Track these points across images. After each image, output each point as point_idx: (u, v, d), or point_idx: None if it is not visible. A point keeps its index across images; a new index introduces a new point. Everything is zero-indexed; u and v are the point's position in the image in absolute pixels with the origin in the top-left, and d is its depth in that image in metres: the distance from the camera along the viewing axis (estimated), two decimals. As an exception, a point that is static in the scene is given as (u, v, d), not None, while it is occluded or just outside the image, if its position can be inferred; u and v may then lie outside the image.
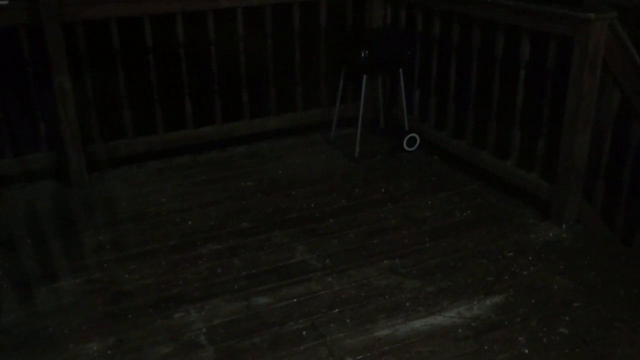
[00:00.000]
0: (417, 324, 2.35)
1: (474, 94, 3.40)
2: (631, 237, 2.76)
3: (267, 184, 3.46)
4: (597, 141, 2.82)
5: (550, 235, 2.91)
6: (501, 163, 3.26)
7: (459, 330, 2.31)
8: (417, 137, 3.82)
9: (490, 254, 2.78)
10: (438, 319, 2.37)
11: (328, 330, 2.32)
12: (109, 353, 2.21)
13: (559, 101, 2.87)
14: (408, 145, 3.82)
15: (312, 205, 3.23)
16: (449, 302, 2.46)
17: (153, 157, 3.69)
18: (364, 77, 3.68)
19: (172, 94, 3.63)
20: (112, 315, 2.42)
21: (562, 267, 2.67)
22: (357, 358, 2.18)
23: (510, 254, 2.77)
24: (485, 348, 2.22)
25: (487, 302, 2.46)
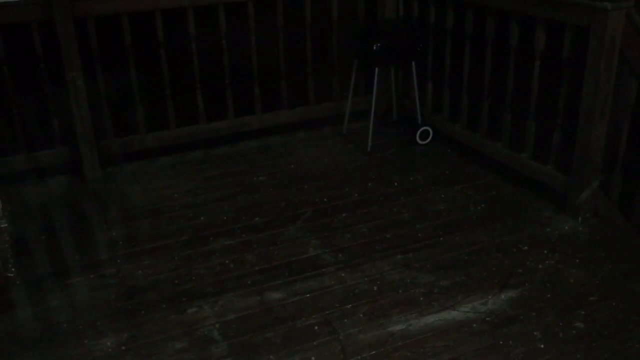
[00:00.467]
0: (431, 319, 2.33)
1: (488, 86, 3.36)
2: (649, 229, 2.72)
3: (279, 178, 3.46)
4: (614, 132, 2.77)
5: (566, 228, 2.87)
6: (516, 155, 3.23)
7: (474, 325, 2.29)
8: (430, 130, 3.79)
9: (505, 247, 2.75)
10: (452, 314, 2.35)
11: (341, 325, 2.31)
12: (123, 349, 2.22)
13: (575, 92, 2.83)
14: (421, 139, 3.79)
15: (324, 199, 3.21)
16: (464, 296, 2.44)
17: (166, 152, 3.70)
18: (377, 70, 3.65)
19: (184, 88, 3.62)
20: (126, 310, 2.43)
21: (578, 260, 2.63)
22: (371, 353, 2.17)
23: (526, 248, 2.73)
24: (500, 343, 2.20)
25: (502, 297, 2.43)
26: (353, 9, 3.92)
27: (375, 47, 3.55)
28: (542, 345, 2.18)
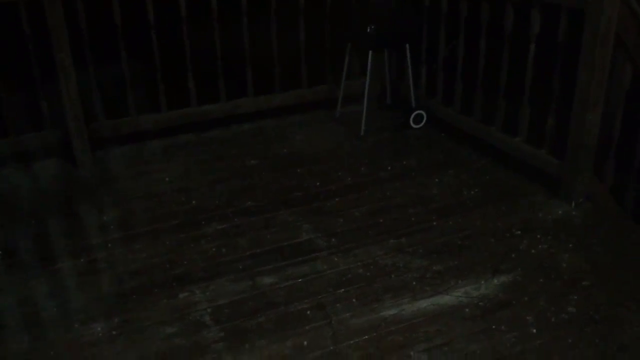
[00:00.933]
0: (424, 304, 2.32)
1: (482, 70, 3.34)
2: (642, 214, 2.72)
3: (272, 162, 3.43)
4: (608, 118, 2.76)
5: (560, 213, 2.86)
6: (510, 140, 3.21)
7: (466, 310, 2.28)
8: (424, 114, 3.76)
9: (498, 232, 2.74)
10: (445, 299, 2.35)
11: (334, 310, 2.30)
12: (114, 333, 2.20)
13: (570, 77, 2.81)
14: (415, 122, 3.77)
15: (317, 184, 3.19)
16: (456, 281, 2.44)
17: (157, 135, 3.66)
18: (370, 53, 3.61)
19: (176, 71, 3.58)
20: (117, 295, 2.41)
21: (571, 245, 2.63)
22: (363, 338, 2.16)
23: (519, 232, 2.73)
24: (493, 327, 2.19)
25: (495, 281, 2.43)
26: (347, -9, 3.88)
27: (369, 30, 3.51)
28: (534, 330, 2.18)
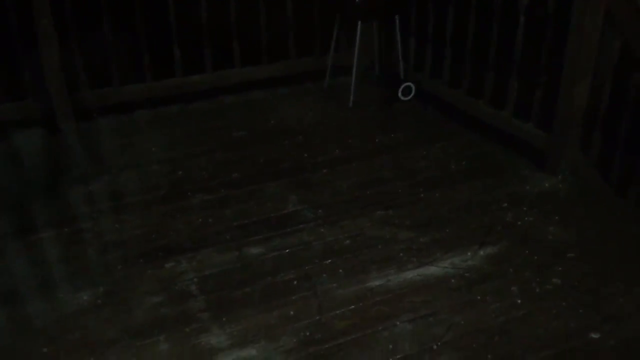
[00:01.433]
0: (410, 275, 2.33)
1: (471, 42, 3.31)
2: (626, 189, 2.73)
3: (259, 134, 3.40)
4: (596, 92, 2.76)
5: (546, 186, 2.88)
6: (497, 113, 3.20)
7: (452, 281, 2.30)
8: (412, 86, 3.74)
9: (485, 205, 2.75)
10: (431, 270, 2.36)
11: (320, 280, 2.30)
12: (99, 302, 2.19)
13: (559, 50, 2.79)
14: (403, 95, 3.75)
15: (305, 155, 3.17)
16: (443, 252, 2.45)
17: (142, 106, 3.60)
18: (359, 24, 3.56)
19: (161, 40, 3.51)
20: (102, 265, 2.39)
21: (557, 218, 2.65)
22: (350, 308, 2.17)
23: (505, 205, 2.74)
24: (478, 298, 2.21)
25: (481, 253, 2.44)
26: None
27: (357, 0, 3.46)
28: (519, 301, 2.20)
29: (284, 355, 1.98)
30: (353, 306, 2.18)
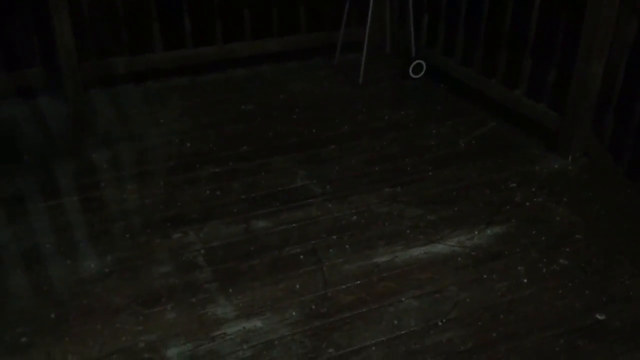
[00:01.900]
0: (417, 252, 2.33)
1: (485, 20, 3.26)
2: (637, 171, 2.71)
3: (267, 108, 3.38)
4: (610, 72, 2.72)
5: (556, 166, 2.86)
6: (510, 92, 3.17)
7: (459, 259, 2.30)
8: (423, 64, 3.70)
9: (494, 184, 2.73)
10: (438, 247, 2.36)
11: (327, 255, 2.31)
12: (107, 271, 2.21)
13: (574, 29, 2.75)
14: (414, 72, 3.71)
15: (313, 131, 3.16)
16: (450, 230, 2.44)
17: (151, 76, 3.59)
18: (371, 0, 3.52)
19: (172, 11, 3.48)
20: (110, 234, 2.40)
21: (566, 199, 2.63)
22: (356, 283, 2.18)
23: (514, 185, 2.72)
24: (484, 277, 2.21)
25: (488, 232, 2.43)
26: None
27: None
28: (525, 280, 2.19)
29: (290, 327, 1.99)
30: (359, 281, 2.19)
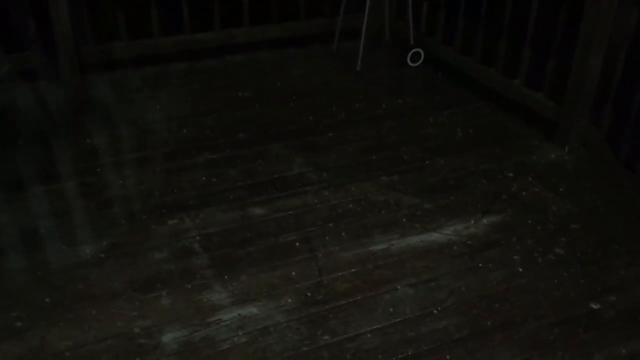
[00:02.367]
0: (413, 240, 2.33)
1: (485, 8, 3.25)
2: (635, 162, 2.71)
3: (265, 95, 3.37)
4: (609, 63, 2.71)
5: (553, 157, 2.86)
6: (508, 81, 3.16)
7: (455, 248, 2.30)
8: (421, 52, 3.68)
9: (491, 173, 2.73)
10: (434, 236, 2.36)
11: (323, 242, 2.30)
12: (102, 256, 2.20)
13: (575, 19, 2.74)
14: (412, 61, 3.70)
15: (311, 118, 3.15)
16: (446, 219, 2.44)
17: (148, 62, 3.56)
18: (371, -14, 3.50)
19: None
20: (105, 219, 2.39)
21: (562, 189, 2.63)
22: (352, 271, 2.18)
23: (511, 174, 2.72)
24: (480, 265, 2.21)
25: (484, 221, 2.44)
26: None
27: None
28: (521, 269, 2.20)
29: (285, 314, 1.99)
30: (355, 269, 2.19)
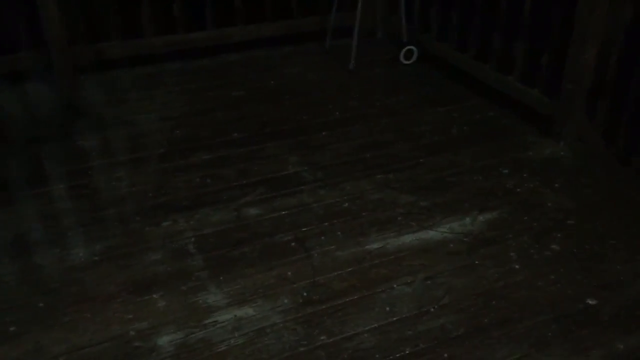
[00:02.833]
0: (409, 238, 2.32)
1: (480, 4, 3.23)
2: (630, 157, 2.70)
3: (260, 94, 3.35)
4: (604, 58, 2.70)
5: (549, 152, 2.85)
6: (504, 77, 3.15)
7: (451, 245, 2.29)
8: (414, 50, 3.67)
9: (487, 170, 2.72)
10: (430, 234, 2.35)
11: (318, 242, 2.29)
12: (96, 259, 2.18)
13: (569, 13, 2.73)
14: (405, 58, 3.68)
15: (305, 117, 3.13)
16: (442, 217, 2.43)
17: (141, 62, 3.55)
18: (363, -18, 3.48)
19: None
20: (99, 221, 2.37)
21: (558, 185, 2.63)
22: (348, 270, 2.17)
23: (507, 171, 2.71)
24: (477, 263, 2.20)
25: (481, 218, 2.43)
26: None
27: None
28: (517, 266, 2.19)
29: (282, 315, 1.98)
30: (351, 268, 2.17)
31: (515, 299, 2.05)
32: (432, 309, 2.00)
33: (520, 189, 2.60)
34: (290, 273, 2.15)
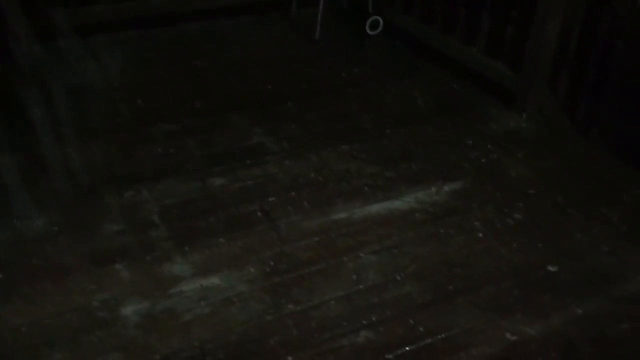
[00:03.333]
0: (375, 208, 2.33)
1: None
2: (590, 129, 2.76)
3: (222, 64, 3.28)
4: (566, 31, 2.74)
5: (511, 124, 2.89)
6: (467, 49, 3.16)
7: (417, 215, 2.31)
8: (380, 20, 3.65)
9: (451, 141, 2.74)
10: (396, 204, 2.36)
11: (284, 212, 2.28)
12: (55, 229, 2.12)
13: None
14: (371, 29, 3.66)
15: (269, 87, 3.09)
16: (408, 187, 2.44)
17: (98, 29, 3.42)
18: (329, -48, 3.43)
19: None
20: (58, 192, 2.30)
21: (521, 156, 2.67)
22: (314, 240, 2.16)
23: (470, 142, 2.74)
24: (441, 232, 2.23)
25: (445, 189, 2.45)
26: None
27: None
28: (481, 235, 2.22)
29: (248, 284, 1.96)
30: (317, 238, 2.17)
31: (478, 266, 2.09)
32: (398, 277, 2.02)
33: (484, 160, 2.63)
34: (256, 243, 2.13)
